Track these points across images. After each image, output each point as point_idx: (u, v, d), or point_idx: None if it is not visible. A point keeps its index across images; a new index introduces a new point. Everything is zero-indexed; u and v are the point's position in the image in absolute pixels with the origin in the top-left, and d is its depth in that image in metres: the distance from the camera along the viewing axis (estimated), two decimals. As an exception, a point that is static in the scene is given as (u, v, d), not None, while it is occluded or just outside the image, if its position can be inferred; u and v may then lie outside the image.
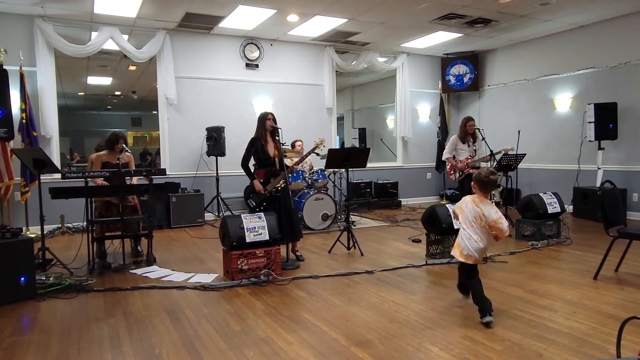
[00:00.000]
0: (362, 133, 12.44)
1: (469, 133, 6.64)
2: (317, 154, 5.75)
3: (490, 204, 3.26)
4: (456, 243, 3.33)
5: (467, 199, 3.29)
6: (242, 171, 4.81)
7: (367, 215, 8.20)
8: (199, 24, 7.44)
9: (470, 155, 6.62)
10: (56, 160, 6.89)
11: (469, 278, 3.29)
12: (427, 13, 7.00)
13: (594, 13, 7.15)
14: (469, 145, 6.65)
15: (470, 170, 6.58)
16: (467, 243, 3.23)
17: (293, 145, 7.26)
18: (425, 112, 10.11)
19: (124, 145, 5.16)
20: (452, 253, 3.41)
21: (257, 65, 8.39)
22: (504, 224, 3.18)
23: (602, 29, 7.55)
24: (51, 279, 4.15)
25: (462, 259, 3.26)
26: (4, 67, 6.10)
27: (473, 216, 3.22)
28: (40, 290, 3.89)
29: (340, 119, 12.80)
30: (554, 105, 8.40)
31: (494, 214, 3.20)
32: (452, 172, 6.78)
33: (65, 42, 6.87)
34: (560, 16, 7.27)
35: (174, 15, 6.95)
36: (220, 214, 7.79)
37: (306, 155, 5.31)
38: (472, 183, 3.35)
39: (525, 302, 3.54)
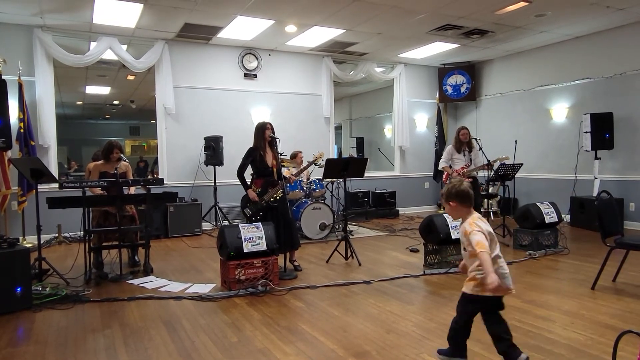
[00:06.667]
0: (360, 142, 12.48)
1: (462, 142, 6.67)
2: (316, 164, 5.77)
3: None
4: (499, 276, 2.43)
5: (479, 223, 2.52)
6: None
7: (364, 225, 8.19)
8: (197, 35, 7.49)
9: (465, 165, 6.64)
10: (54, 169, 6.88)
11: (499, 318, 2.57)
12: (424, 24, 7.06)
13: (589, 24, 7.22)
14: (464, 155, 6.68)
15: (466, 180, 6.59)
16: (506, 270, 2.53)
17: (294, 156, 7.24)
18: (423, 121, 10.15)
19: (122, 155, 5.16)
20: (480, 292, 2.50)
21: (255, 75, 8.43)
22: None
23: (598, 40, 7.62)
24: (47, 289, 4.12)
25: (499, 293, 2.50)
26: (3, 77, 6.11)
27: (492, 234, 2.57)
28: (36, 301, 3.87)
29: (338, 129, 12.85)
30: (550, 115, 8.45)
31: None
32: (448, 181, 6.79)
33: (64, 52, 6.90)
34: (555, 27, 7.34)
35: (173, 26, 6.99)
36: (218, 224, 7.77)
37: (305, 168, 5.32)
38: (452, 203, 2.59)
39: (523, 312, 3.54)
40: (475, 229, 2.49)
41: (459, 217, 2.65)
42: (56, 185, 4.90)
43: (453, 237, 4.76)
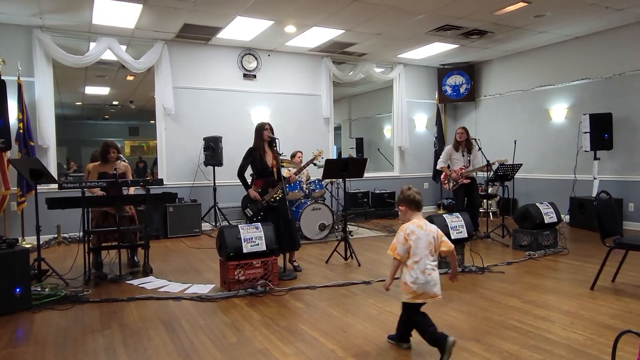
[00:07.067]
0: (360, 143, 12.49)
1: (459, 141, 6.68)
2: (315, 164, 5.76)
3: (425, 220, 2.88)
4: (406, 282, 2.78)
5: (409, 226, 2.79)
6: (239, 181, 4.81)
7: (364, 225, 8.19)
8: (197, 35, 7.49)
9: (464, 166, 6.65)
10: (53, 170, 6.87)
11: (416, 317, 2.82)
12: (423, 24, 7.07)
13: (588, 25, 7.23)
14: (463, 155, 6.68)
15: (464, 181, 6.61)
16: (428, 277, 2.76)
17: (293, 155, 7.26)
18: (422, 122, 10.16)
19: (121, 155, 5.15)
20: (403, 299, 2.82)
21: (254, 76, 8.43)
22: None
23: (597, 40, 7.63)
24: (47, 290, 4.12)
25: (418, 300, 2.78)
26: (2, 77, 6.11)
27: (428, 241, 2.79)
28: (35, 302, 3.86)
29: (337, 129, 12.83)
30: (549, 116, 8.46)
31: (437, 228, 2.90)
32: (446, 181, 6.81)
33: (63, 53, 6.89)
34: (554, 28, 7.35)
35: (173, 26, 6.99)
36: (218, 224, 7.77)
37: (304, 167, 5.31)
38: (401, 207, 2.90)
39: (522, 312, 3.54)
40: (399, 233, 2.79)
41: (408, 220, 2.87)
42: (55, 185, 4.90)
43: (452, 237, 4.75)
